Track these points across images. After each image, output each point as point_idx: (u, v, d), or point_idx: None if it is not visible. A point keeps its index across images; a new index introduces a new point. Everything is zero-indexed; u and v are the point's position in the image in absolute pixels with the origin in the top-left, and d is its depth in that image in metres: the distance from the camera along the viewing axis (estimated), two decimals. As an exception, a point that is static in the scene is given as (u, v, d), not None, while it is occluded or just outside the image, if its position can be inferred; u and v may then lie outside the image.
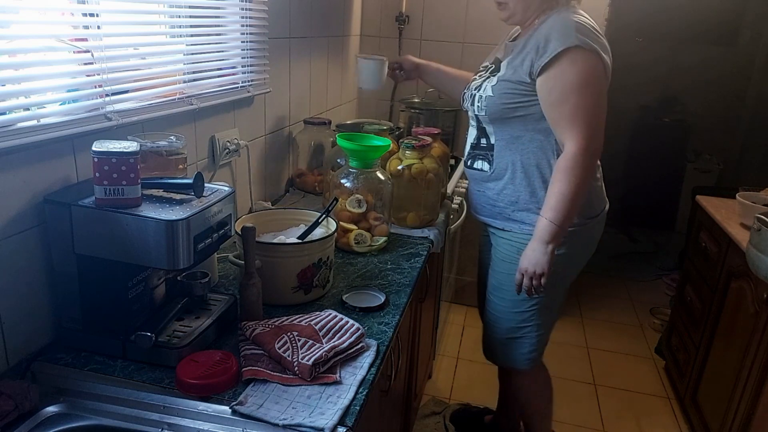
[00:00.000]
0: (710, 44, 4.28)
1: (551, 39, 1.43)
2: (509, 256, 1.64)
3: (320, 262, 1.32)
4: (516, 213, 1.61)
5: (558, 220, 1.47)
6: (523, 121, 1.54)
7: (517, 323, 1.70)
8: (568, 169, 1.45)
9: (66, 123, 1.07)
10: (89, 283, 1.05)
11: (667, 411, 2.51)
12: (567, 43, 1.41)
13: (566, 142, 1.46)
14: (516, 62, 1.51)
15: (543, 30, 1.47)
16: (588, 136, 1.44)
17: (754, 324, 1.87)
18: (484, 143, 1.65)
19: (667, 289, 3.58)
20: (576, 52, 1.41)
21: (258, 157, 1.90)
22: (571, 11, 1.49)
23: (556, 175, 1.48)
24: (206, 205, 1.05)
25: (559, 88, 1.44)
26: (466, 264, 3.16)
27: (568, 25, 1.43)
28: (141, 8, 1.31)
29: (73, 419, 0.98)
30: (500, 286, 1.69)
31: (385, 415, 1.50)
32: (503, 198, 1.62)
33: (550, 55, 1.42)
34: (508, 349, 1.75)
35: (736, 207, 2.16)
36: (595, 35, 1.45)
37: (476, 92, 1.61)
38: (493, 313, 1.74)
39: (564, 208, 1.46)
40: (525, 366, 1.76)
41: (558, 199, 1.47)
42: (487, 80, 1.59)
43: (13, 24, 1.00)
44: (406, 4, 2.86)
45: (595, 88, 1.45)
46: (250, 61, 1.72)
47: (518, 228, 1.62)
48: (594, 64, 1.44)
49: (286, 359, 1.06)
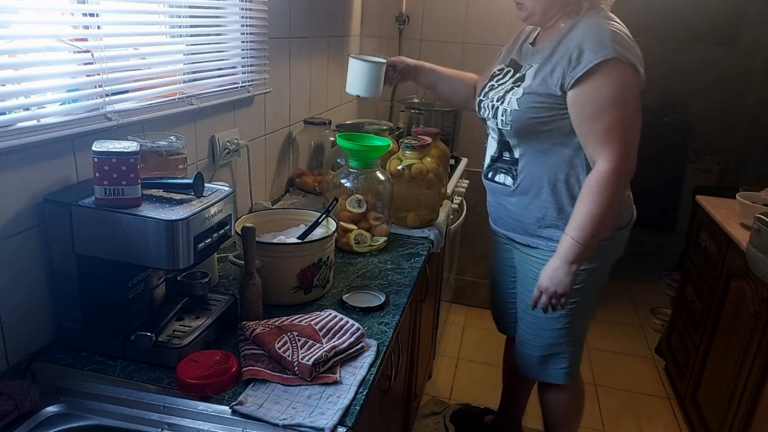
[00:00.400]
0: (711, 44, 4.27)
1: (585, 49, 1.35)
2: (538, 274, 1.56)
3: (320, 262, 1.32)
4: (542, 230, 1.55)
5: (584, 240, 1.41)
6: (550, 135, 1.46)
7: (554, 340, 1.64)
8: (599, 189, 1.38)
9: (66, 123, 1.07)
10: (89, 283, 1.05)
11: (667, 411, 2.51)
12: (603, 55, 1.32)
13: (598, 160, 1.39)
14: (544, 72, 1.42)
15: (575, 37, 1.38)
16: (621, 154, 1.36)
17: (754, 324, 1.87)
18: (507, 157, 1.57)
19: (668, 289, 3.58)
20: (612, 64, 1.32)
21: (258, 157, 1.90)
22: (602, 16, 1.40)
23: (585, 193, 1.41)
24: (206, 205, 1.05)
25: (594, 103, 1.36)
26: (466, 264, 3.16)
27: (603, 34, 1.34)
28: (141, 8, 1.31)
29: (73, 419, 0.98)
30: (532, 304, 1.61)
31: (385, 415, 1.50)
32: (528, 214, 1.56)
33: (585, 68, 1.34)
34: (545, 365, 1.70)
35: (736, 207, 2.16)
36: (631, 45, 1.36)
37: (499, 104, 1.51)
38: (527, 331, 1.69)
39: (592, 228, 1.40)
40: (564, 380, 1.71)
41: (586, 219, 1.40)
42: (511, 92, 1.49)
43: (13, 24, 1.00)
44: (406, 4, 2.86)
45: (631, 103, 1.36)
46: (250, 61, 1.72)
47: (545, 245, 1.55)
48: (630, 77, 1.35)
49: (286, 359, 1.06)
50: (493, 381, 2.18)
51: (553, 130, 1.45)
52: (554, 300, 1.49)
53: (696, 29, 4.19)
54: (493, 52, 1.76)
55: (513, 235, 1.64)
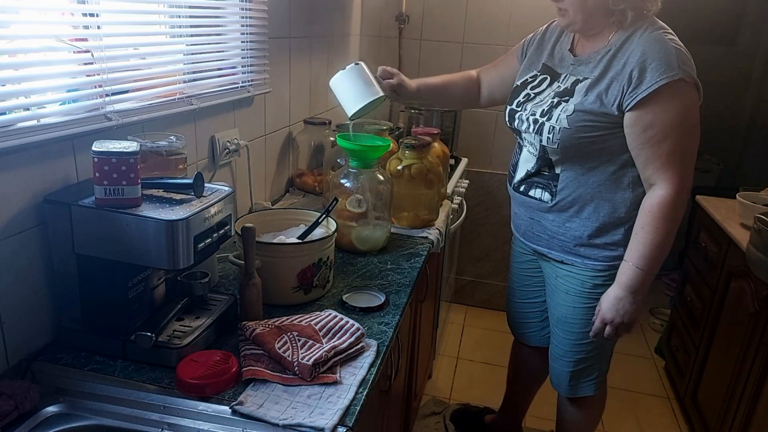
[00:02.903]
0: (710, 44, 4.27)
1: (648, 67, 1.28)
2: (574, 290, 1.55)
3: (320, 262, 1.32)
4: (579, 248, 1.50)
5: (649, 268, 1.37)
6: (599, 154, 1.41)
7: (588, 353, 1.62)
8: (663, 216, 1.33)
9: (66, 123, 1.06)
10: (89, 283, 1.05)
11: (667, 411, 2.51)
12: (670, 76, 1.26)
13: (659, 183, 1.34)
14: (598, 89, 1.35)
15: (634, 52, 1.31)
16: (684, 177, 1.32)
17: (754, 324, 1.87)
18: (547, 172, 1.50)
19: (667, 289, 3.58)
20: (678, 85, 1.26)
21: (258, 157, 1.90)
22: (658, 28, 1.34)
23: (648, 220, 1.35)
24: (206, 205, 1.05)
25: (659, 126, 1.29)
26: (466, 264, 3.16)
27: (669, 52, 1.28)
28: (141, 8, 1.31)
29: (73, 419, 0.97)
30: (566, 319, 1.60)
31: (385, 415, 1.50)
32: (566, 232, 1.51)
33: (650, 89, 1.27)
34: (577, 380, 1.67)
35: (736, 207, 2.16)
36: (692, 62, 1.30)
37: (544, 120, 1.42)
38: (561, 347, 1.65)
39: (656, 256, 1.36)
40: (593, 391, 1.68)
41: (650, 247, 1.35)
42: (559, 107, 1.40)
43: (13, 24, 1.00)
44: (406, 4, 2.86)
45: (693, 125, 1.32)
46: (250, 61, 1.72)
47: (581, 263, 1.51)
48: (694, 98, 1.30)
49: (286, 359, 1.06)
50: (493, 380, 2.18)
51: (603, 149, 1.40)
52: (620, 330, 1.45)
53: (695, 29, 4.19)
54: (493, 52, 1.76)
55: (547, 251, 1.59)
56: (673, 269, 3.78)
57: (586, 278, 1.52)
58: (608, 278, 1.49)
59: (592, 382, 1.67)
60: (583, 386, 1.68)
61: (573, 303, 1.57)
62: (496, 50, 2.46)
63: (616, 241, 1.47)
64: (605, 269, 1.50)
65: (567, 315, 1.59)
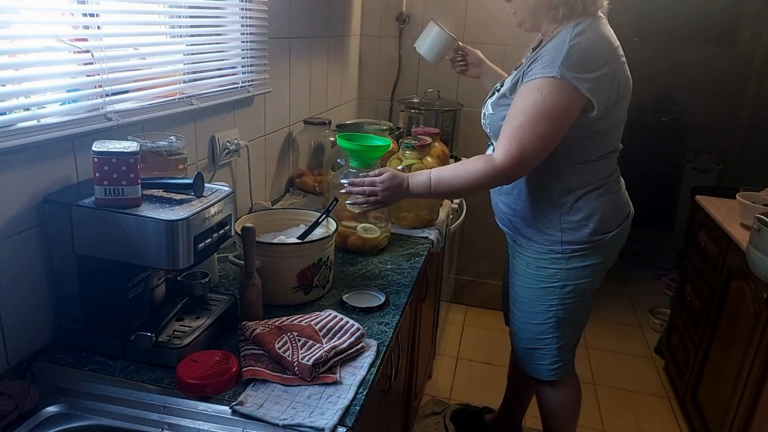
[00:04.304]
0: (709, 44, 4.28)
1: (538, 61, 1.36)
2: (523, 270, 1.62)
3: (320, 262, 1.32)
4: (525, 229, 1.59)
5: (435, 186, 1.43)
6: None
7: (536, 335, 1.66)
8: (479, 172, 1.40)
9: (66, 123, 1.07)
10: (89, 283, 1.05)
11: (666, 411, 2.51)
12: (546, 74, 1.33)
13: (497, 151, 1.40)
14: (517, 76, 1.44)
15: (546, 47, 1.38)
16: (514, 157, 1.36)
17: (754, 324, 1.88)
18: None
19: (666, 289, 3.59)
20: (550, 82, 1.32)
21: (258, 157, 1.90)
22: (582, 26, 1.37)
23: (470, 163, 1.43)
24: (206, 205, 1.05)
25: (515, 106, 1.38)
26: (466, 264, 3.16)
27: (560, 51, 1.33)
28: (141, 8, 1.31)
29: (73, 419, 0.98)
30: (518, 297, 1.67)
31: (385, 415, 1.50)
32: (513, 213, 1.60)
33: (528, 80, 1.36)
34: (530, 359, 1.73)
35: (736, 207, 2.16)
36: (591, 65, 1.33)
37: (483, 109, 1.59)
38: (514, 323, 1.72)
39: (447, 188, 1.44)
40: (549, 377, 1.73)
41: (451, 178, 1.43)
42: (493, 96, 1.54)
43: (13, 24, 1.00)
44: (406, 4, 2.86)
45: (546, 118, 1.35)
46: (250, 61, 1.72)
47: (527, 244, 1.59)
48: (564, 98, 1.33)
49: (286, 359, 1.06)
50: (493, 380, 2.19)
51: None
52: (371, 203, 1.46)
53: (693, 28, 4.20)
54: (493, 52, 1.77)
55: (506, 231, 1.70)
56: (671, 269, 3.79)
57: (531, 259, 1.59)
58: (550, 261, 1.56)
59: (546, 368, 1.71)
60: (538, 369, 1.73)
61: (521, 282, 1.64)
62: (496, 50, 2.46)
63: (552, 225, 1.54)
64: (546, 252, 1.56)
65: (517, 293, 1.67)
